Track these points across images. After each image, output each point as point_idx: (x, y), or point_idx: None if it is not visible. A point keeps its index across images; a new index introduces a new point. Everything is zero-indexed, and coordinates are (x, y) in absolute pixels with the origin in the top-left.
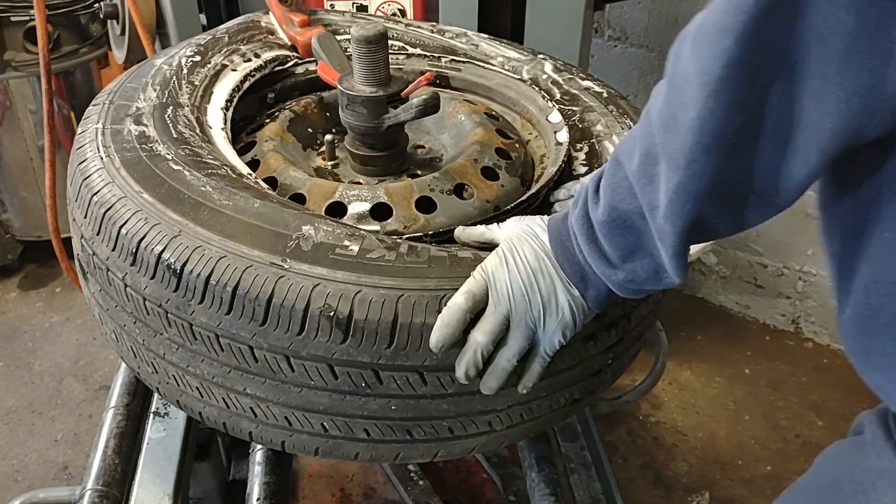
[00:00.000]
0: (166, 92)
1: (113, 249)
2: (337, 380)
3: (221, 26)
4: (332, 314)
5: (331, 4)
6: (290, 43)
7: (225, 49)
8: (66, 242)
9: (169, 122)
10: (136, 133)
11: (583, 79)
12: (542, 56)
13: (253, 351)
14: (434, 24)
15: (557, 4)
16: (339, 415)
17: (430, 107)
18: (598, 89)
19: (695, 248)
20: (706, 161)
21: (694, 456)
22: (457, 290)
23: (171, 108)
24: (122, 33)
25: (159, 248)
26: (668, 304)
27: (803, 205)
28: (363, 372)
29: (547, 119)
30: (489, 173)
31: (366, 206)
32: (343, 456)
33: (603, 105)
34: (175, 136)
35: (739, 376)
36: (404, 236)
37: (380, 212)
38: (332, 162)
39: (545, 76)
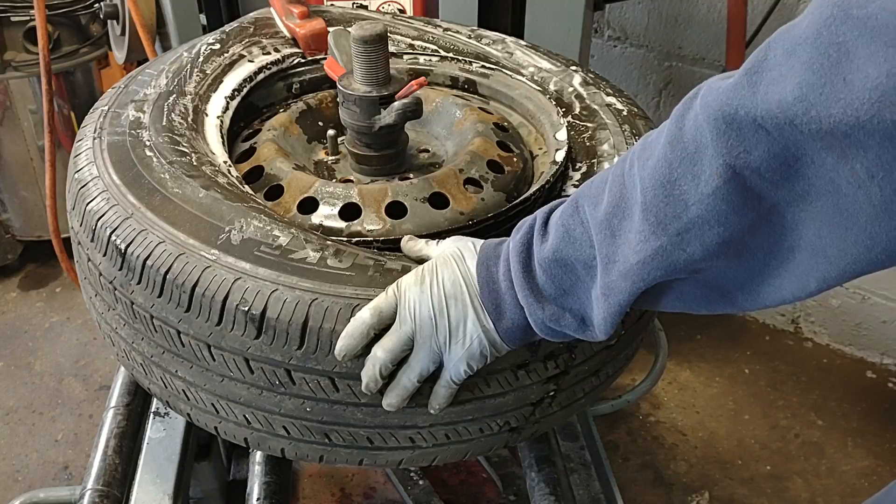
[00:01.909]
0: (176, 80)
1: (80, 224)
2: (253, 374)
3: (250, 14)
4: (247, 309)
5: (331, 4)
6: (290, 36)
7: (247, 40)
8: (67, 242)
9: (166, 109)
10: (132, 118)
11: (608, 94)
12: (574, 68)
13: (180, 335)
14: (473, 28)
15: (557, 4)
16: (259, 409)
17: (410, 111)
18: (619, 106)
19: None
20: (699, 238)
21: (694, 455)
22: (371, 300)
23: (173, 96)
24: (123, 33)
25: (111, 227)
26: None
27: None
28: (276, 370)
29: (555, 136)
30: (472, 185)
31: (336, 205)
32: (270, 450)
33: (618, 124)
34: (164, 123)
35: (739, 376)
36: (354, 240)
37: (349, 212)
38: (334, 157)
39: (571, 89)
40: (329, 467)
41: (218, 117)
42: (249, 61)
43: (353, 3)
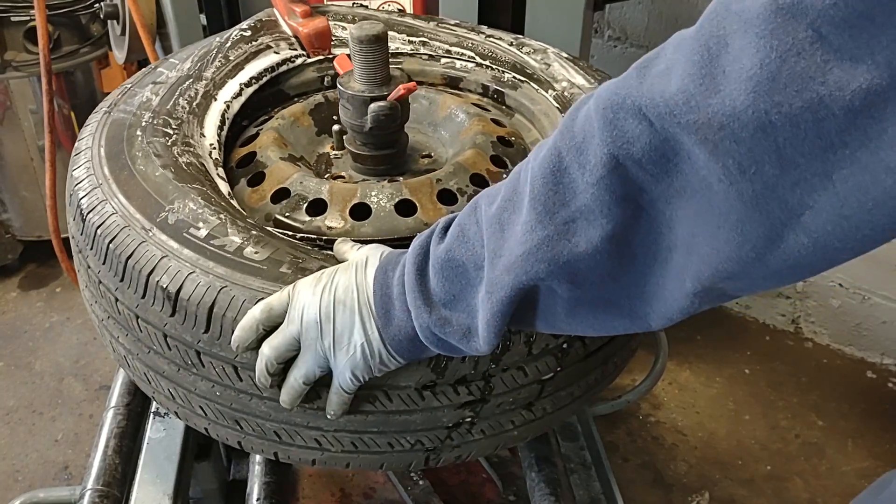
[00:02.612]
0: (199, 64)
1: (67, 189)
2: (171, 351)
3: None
4: (165, 286)
5: (331, 3)
6: (293, 34)
7: (277, 34)
8: (66, 242)
9: (177, 93)
10: (145, 99)
11: None
12: None
13: (117, 303)
14: (517, 36)
15: (557, 4)
16: (179, 385)
17: (382, 116)
18: None
19: None
20: (584, 229)
21: (694, 456)
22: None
23: (190, 80)
24: (123, 33)
25: (82, 194)
26: None
27: None
28: (188, 350)
29: None
30: (447, 197)
31: (306, 199)
32: (196, 426)
33: None
34: (169, 106)
35: (739, 376)
36: (299, 235)
37: (316, 207)
38: (338, 152)
39: None
40: (329, 468)
41: (226, 102)
42: (275, 52)
43: (353, 3)
